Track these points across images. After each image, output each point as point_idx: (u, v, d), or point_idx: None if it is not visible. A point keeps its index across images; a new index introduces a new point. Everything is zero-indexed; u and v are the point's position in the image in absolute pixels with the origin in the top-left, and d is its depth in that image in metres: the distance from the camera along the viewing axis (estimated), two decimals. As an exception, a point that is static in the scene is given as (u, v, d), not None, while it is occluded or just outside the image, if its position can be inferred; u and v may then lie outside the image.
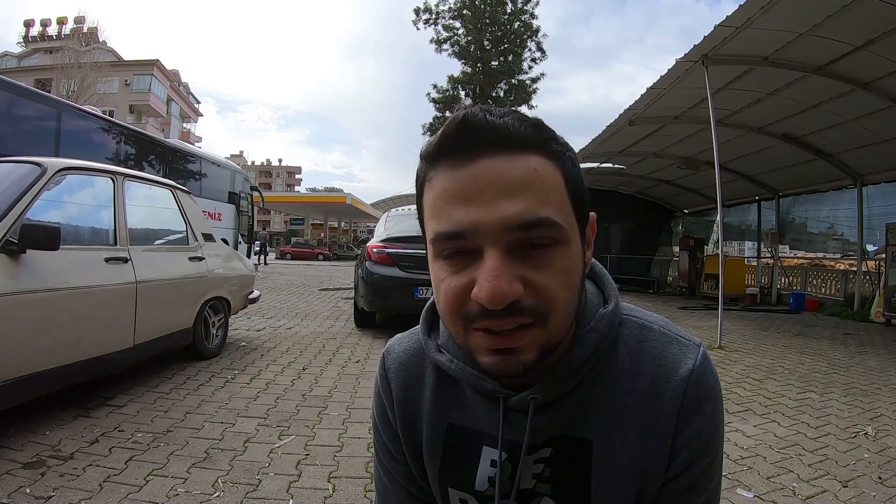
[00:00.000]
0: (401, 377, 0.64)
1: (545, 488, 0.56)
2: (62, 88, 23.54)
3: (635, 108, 7.25)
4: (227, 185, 11.73)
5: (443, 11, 17.98)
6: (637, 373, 0.54)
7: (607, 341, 0.54)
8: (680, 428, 0.52)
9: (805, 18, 4.82)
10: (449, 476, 0.59)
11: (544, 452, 0.55)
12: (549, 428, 0.55)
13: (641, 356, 0.55)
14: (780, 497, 2.05)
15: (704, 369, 0.54)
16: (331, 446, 2.40)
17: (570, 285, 0.47)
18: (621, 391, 0.54)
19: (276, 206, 41.30)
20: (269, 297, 8.29)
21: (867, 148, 7.35)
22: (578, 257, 0.48)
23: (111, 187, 3.06)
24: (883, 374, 4.19)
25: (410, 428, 0.62)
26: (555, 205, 0.45)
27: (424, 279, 5.02)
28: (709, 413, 0.53)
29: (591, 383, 0.54)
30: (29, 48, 34.03)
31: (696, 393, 0.53)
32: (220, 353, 4.09)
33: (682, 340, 0.56)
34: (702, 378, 0.53)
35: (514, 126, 0.45)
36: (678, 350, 0.55)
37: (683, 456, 0.53)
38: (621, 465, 0.53)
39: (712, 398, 0.54)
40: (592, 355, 0.53)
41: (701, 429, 0.53)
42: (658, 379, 0.53)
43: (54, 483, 1.88)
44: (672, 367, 0.54)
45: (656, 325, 0.57)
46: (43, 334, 2.37)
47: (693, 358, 0.54)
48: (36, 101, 6.41)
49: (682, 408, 0.52)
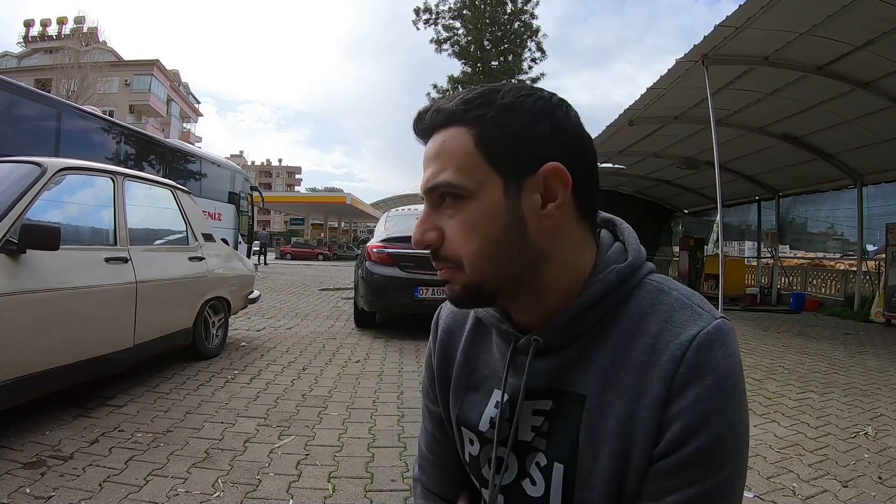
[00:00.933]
0: (447, 323, 0.70)
1: (541, 443, 0.56)
2: (62, 88, 23.54)
3: (635, 108, 7.25)
4: (227, 185, 11.74)
5: (443, 11, 17.97)
6: (641, 333, 0.52)
7: (615, 297, 0.54)
8: (673, 396, 0.49)
9: (805, 18, 4.82)
10: (463, 414, 0.64)
11: (545, 405, 0.56)
12: (550, 377, 0.56)
13: (650, 318, 0.53)
14: (780, 497, 2.05)
15: (713, 339, 0.50)
16: (331, 446, 2.40)
17: (476, 234, 0.52)
18: (621, 349, 0.53)
19: (276, 206, 41.30)
20: (269, 297, 8.29)
21: (867, 148, 7.34)
22: (492, 211, 0.52)
23: (111, 187, 3.06)
24: (883, 374, 4.19)
25: (446, 368, 0.68)
26: (455, 167, 0.52)
27: (424, 279, 5.04)
28: (710, 386, 0.48)
29: (594, 338, 0.54)
30: (29, 48, 34.03)
31: (697, 360, 0.49)
32: (220, 353, 4.09)
33: (698, 309, 0.53)
34: (707, 346, 0.49)
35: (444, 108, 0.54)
36: (688, 316, 0.52)
37: (674, 430, 0.48)
38: (609, 425, 0.51)
39: (718, 371, 0.49)
40: (594, 306, 0.54)
41: (698, 401, 0.48)
42: (659, 341, 0.51)
43: (54, 483, 1.88)
44: (677, 331, 0.51)
45: (675, 292, 0.55)
46: (43, 334, 2.37)
47: (702, 325, 0.50)
48: (36, 101, 6.41)
49: (678, 374, 0.49)
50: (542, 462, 0.56)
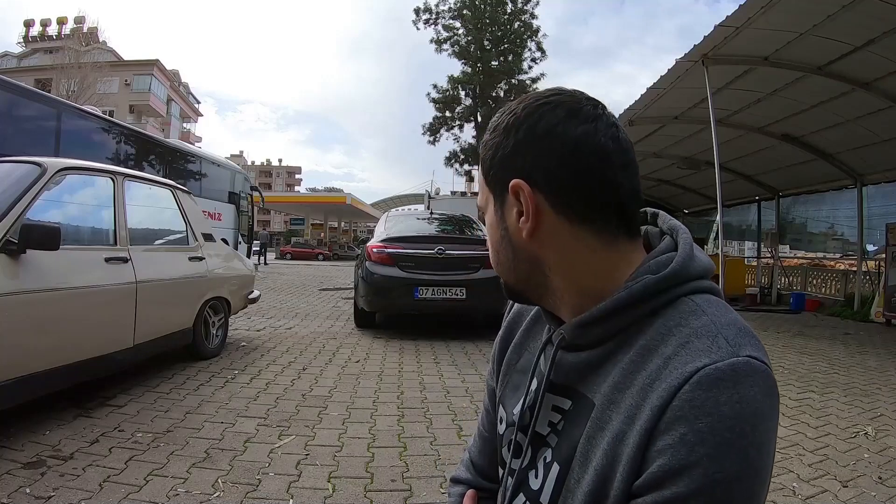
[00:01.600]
0: (518, 307, 0.75)
1: (553, 440, 0.57)
2: (62, 88, 23.54)
3: (635, 107, 7.25)
4: (227, 185, 11.74)
5: (443, 11, 18.00)
6: (656, 353, 0.49)
7: (643, 308, 0.52)
8: (660, 430, 0.44)
9: (805, 18, 4.82)
10: (504, 395, 0.69)
11: (564, 403, 0.57)
12: (570, 373, 0.57)
13: (670, 339, 0.49)
14: (780, 497, 2.05)
15: (722, 377, 0.43)
16: (331, 446, 2.40)
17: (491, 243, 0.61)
18: (635, 367, 0.51)
19: (276, 206, 41.31)
20: (269, 297, 8.28)
21: (867, 148, 7.34)
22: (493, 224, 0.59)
23: (111, 187, 3.06)
24: (883, 374, 4.19)
25: (506, 348, 0.73)
26: (479, 188, 0.61)
27: (424, 279, 5.04)
28: (701, 430, 0.42)
29: (617, 347, 0.53)
30: (29, 48, 34.04)
31: (693, 397, 0.43)
32: (220, 353, 4.09)
33: (721, 340, 0.46)
34: (710, 384, 0.43)
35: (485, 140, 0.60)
36: (706, 345, 0.46)
37: (654, 468, 0.44)
38: (604, 440, 0.50)
39: (717, 415, 0.42)
40: (614, 313, 0.52)
41: (683, 444, 0.43)
42: (667, 366, 0.47)
43: (54, 483, 1.88)
44: (687, 358, 0.46)
45: (710, 317, 0.49)
46: (43, 334, 2.37)
47: (713, 359, 0.44)
48: (36, 101, 6.41)
49: (670, 406, 0.44)
50: (548, 458, 0.57)
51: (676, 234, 0.58)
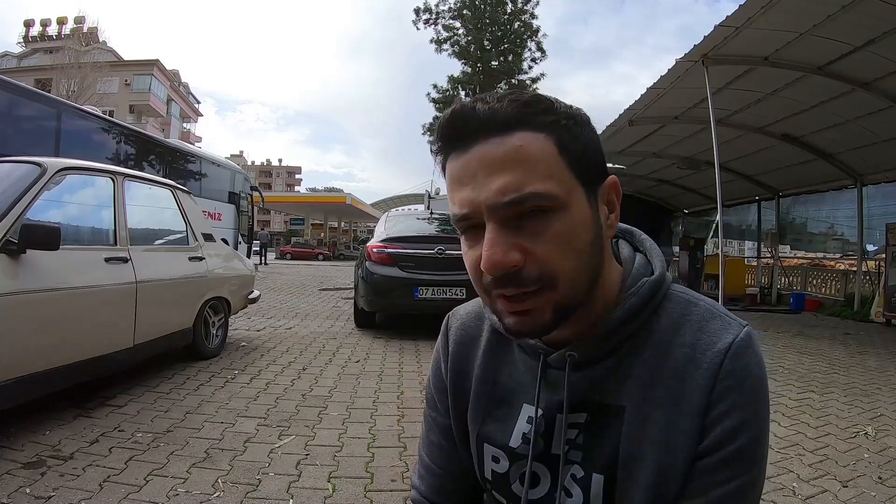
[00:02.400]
0: (459, 335, 0.69)
1: (576, 455, 0.56)
2: (62, 88, 23.53)
3: (635, 108, 7.24)
4: (227, 185, 11.74)
5: (443, 11, 17.97)
6: (676, 344, 0.54)
7: (648, 309, 0.55)
8: (714, 402, 0.51)
9: (805, 18, 4.82)
10: (487, 431, 0.63)
11: (579, 417, 0.57)
12: (585, 390, 0.56)
13: (683, 328, 0.54)
14: (780, 497, 2.05)
15: (746, 346, 0.52)
16: (331, 446, 2.40)
17: (571, 248, 0.49)
18: (658, 360, 0.54)
19: (276, 206, 41.28)
20: (269, 297, 8.28)
21: (867, 148, 7.34)
22: (583, 221, 0.50)
23: (111, 187, 3.06)
24: (883, 374, 4.19)
25: (461, 382, 0.67)
26: (543, 176, 0.47)
27: (424, 279, 5.04)
28: (746, 391, 0.51)
29: (629, 351, 0.55)
30: (29, 48, 34.04)
31: (734, 367, 0.51)
32: (220, 353, 4.08)
33: (727, 318, 0.55)
34: (741, 353, 0.52)
35: (501, 109, 0.48)
36: (720, 325, 0.54)
37: (717, 432, 0.51)
38: (650, 434, 0.53)
39: (752, 375, 0.52)
40: (630, 320, 0.55)
41: (737, 405, 0.51)
42: (696, 350, 0.53)
43: (54, 483, 1.88)
44: (712, 340, 0.53)
45: (702, 302, 0.57)
46: (43, 334, 2.36)
47: (734, 333, 0.53)
48: (36, 101, 6.41)
49: (718, 381, 0.51)
50: (579, 474, 0.56)
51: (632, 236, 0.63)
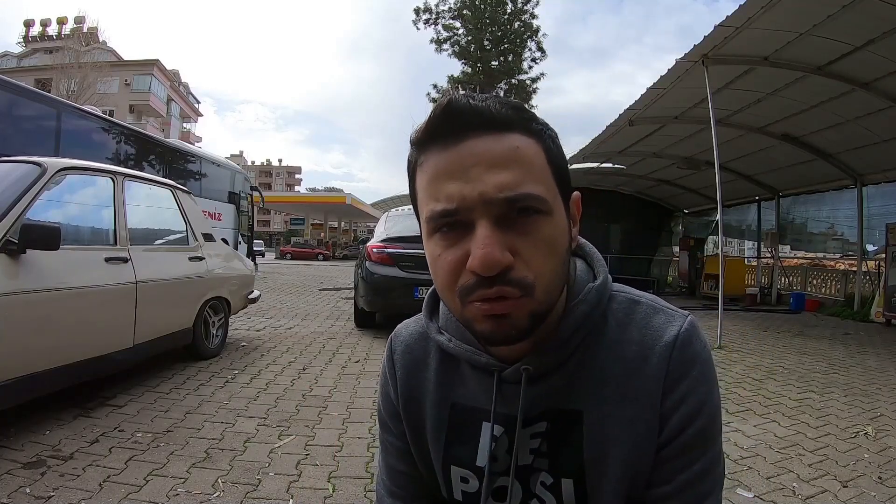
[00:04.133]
0: (406, 359, 0.66)
1: (542, 462, 0.57)
2: (62, 88, 23.53)
3: (635, 108, 7.24)
4: (227, 185, 11.73)
5: (443, 11, 17.97)
6: (625, 342, 0.55)
7: (596, 314, 0.56)
8: (667, 391, 0.53)
9: (805, 18, 4.82)
10: (452, 454, 0.61)
11: (540, 427, 0.57)
12: (542, 400, 0.56)
13: (630, 327, 0.56)
14: (780, 497, 2.05)
15: (690, 335, 0.55)
16: (331, 446, 2.40)
17: (554, 254, 0.49)
18: (610, 361, 0.55)
19: (276, 206, 41.30)
20: (269, 297, 8.28)
21: (867, 148, 7.34)
22: (563, 229, 0.51)
23: (111, 187, 3.06)
24: (883, 374, 4.19)
25: (414, 407, 0.64)
26: (536, 179, 0.48)
27: (424, 279, 5.03)
28: (697, 376, 0.53)
29: (581, 355, 0.56)
30: (29, 48, 34.03)
31: (682, 357, 0.53)
32: (220, 353, 4.08)
33: (669, 311, 0.58)
34: (687, 342, 0.54)
35: (496, 108, 0.48)
36: (664, 319, 0.56)
37: (675, 420, 0.53)
38: (611, 432, 0.54)
39: (701, 361, 0.54)
40: (581, 327, 0.55)
41: (689, 391, 0.53)
42: (644, 346, 0.54)
43: (54, 483, 1.88)
44: (658, 334, 0.55)
45: (644, 300, 0.59)
46: (43, 334, 2.36)
47: (678, 325, 0.55)
48: (36, 101, 6.40)
49: (669, 371, 0.53)
50: (549, 481, 0.57)
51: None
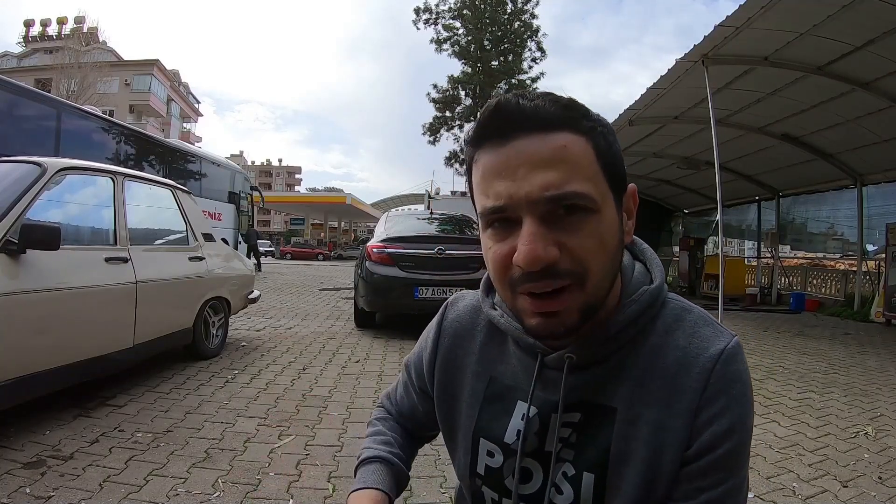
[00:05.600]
0: (455, 327, 0.70)
1: (568, 454, 0.57)
2: (62, 88, 23.54)
3: (635, 108, 7.24)
4: (227, 185, 11.75)
5: (443, 11, 18.01)
6: (670, 346, 0.55)
7: (647, 316, 0.57)
8: (704, 405, 0.52)
9: (805, 18, 4.82)
10: (483, 426, 0.64)
11: (573, 417, 0.58)
12: (579, 391, 0.57)
13: (676, 333, 0.56)
14: (780, 497, 2.05)
15: (736, 353, 0.54)
16: (331, 446, 2.40)
17: (603, 249, 0.50)
18: (652, 363, 0.55)
19: (276, 206, 41.34)
20: (269, 297, 8.28)
21: (867, 148, 7.34)
22: (612, 225, 0.52)
23: (111, 187, 3.06)
24: (883, 374, 4.19)
25: (454, 374, 0.68)
26: (583, 177, 0.49)
27: (424, 279, 5.04)
28: (736, 396, 0.53)
29: (625, 354, 0.56)
30: (29, 48, 34.02)
31: (725, 372, 0.53)
32: (220, 353, 4.08)
33: (718, 326, 0.58)
34: (732, 359, 0.54)
35: (544, 108, 0.50)
36: (712, 332, 0.56)
37: (706, 436, 0.52)
38: (641, 433, 0.54)
39: (742, 381, 0.54)
40: (630, 325, 0.56)
41: (726, 409, 0.52)
42: (688, 354, 0.54)
43: (54, 483, 1.88)
44: (704, 345, 0.55)
45: (696, 310, 0.59)
46: (43, 334, 2.36)
47: (726, 341, 0.55)
48: (36, 101, 6.41)
49: (709, 384, 0.52)
50: (570, 472, 0.57)
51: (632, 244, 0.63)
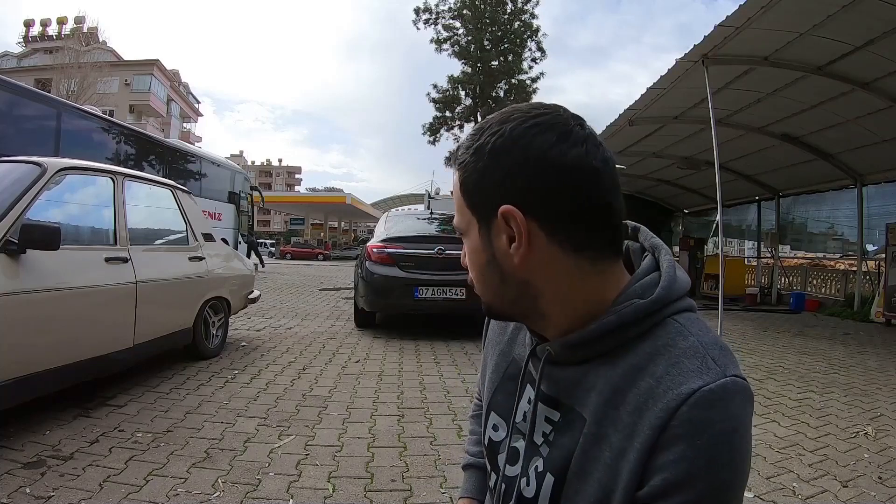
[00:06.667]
0: None
1: (545, 450, 0.58)
2: (62, 88, 23.54)
3: (635, 107, 7.24)
4: (227, 185, 11.74)
5: (443, 11, 17.99)
6: (646, 373, 0.51)
7: (630, 331, 0.53)
8: (660, 446, 0.47)
9: (805, 18, 4.82)
10: (497, 400, 0.68)
11: (554, 415, 0.58)
12: (559, 385, 0.58)
13: (659, 360, 0.51)
14: (780, 497, 2.05)
15: (715, 398, 0.47)
16: (331, 446, 2.40)
17: (474, 266, 0.59)
18: (626, 385, 0.52)
19: (276, 206, 41.35)
20: (269, 297, 8.28)
21: (867, 148, 7.34)
22: (478, 248, 0.57)
23: (111, 187, 3.06)
24: (883, 374, 4.19)
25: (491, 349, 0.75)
26: (456, 210, 0.59)
27: (424, 279, 5.04)
28: (701, 447, 0.46)
29: (602, 364, 0.54)
30: (29, 48, 34.01)
31: (691, 416, 0.46)
32: (220, 353, 4.08)
33: (710, 362, 0.49)
34: (705, 405, 0.46)
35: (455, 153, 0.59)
36: (696, 366, 0.49)
37: (657, 481, 0.47)
38: (602, 454, 0.52)
39: (713, 433, 0.46)
40: (606, 336, 0.53)
41: (684, 459, 0.46)
42: (659, 386, 0.49)
43: (54, 483, 1.88)
44: (678, 380, 0.48)
45: (694, 339, 0.52)
46: (43, 334, 2.36)
47: (706, 381, 0.47)
48: (36, 101, 6.41)
49: (669, 426, 0.47)
50: (539, 468, 0.57)
51: (658, 253, 0.59)
